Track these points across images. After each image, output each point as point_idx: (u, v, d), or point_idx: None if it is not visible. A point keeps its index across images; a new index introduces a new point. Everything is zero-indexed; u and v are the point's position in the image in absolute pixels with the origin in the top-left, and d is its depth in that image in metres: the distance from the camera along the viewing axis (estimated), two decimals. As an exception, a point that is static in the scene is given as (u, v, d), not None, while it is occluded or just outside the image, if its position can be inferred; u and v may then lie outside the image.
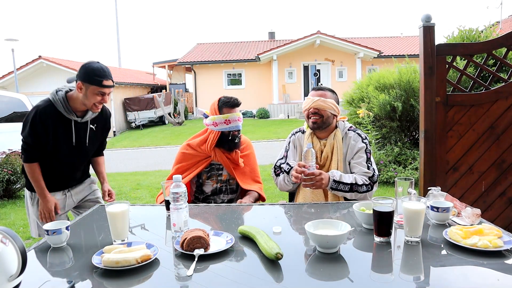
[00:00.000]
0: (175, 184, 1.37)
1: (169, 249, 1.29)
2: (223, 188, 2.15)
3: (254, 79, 18.89)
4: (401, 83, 5.63)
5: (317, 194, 1.97)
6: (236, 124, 2.06)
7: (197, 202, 2.16)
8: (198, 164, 2.13)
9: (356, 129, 2.01)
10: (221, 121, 2.04)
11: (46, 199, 1.98)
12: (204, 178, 2.14)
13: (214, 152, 2.11)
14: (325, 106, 1.96)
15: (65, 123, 1.94)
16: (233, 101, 2.08)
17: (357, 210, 1.43)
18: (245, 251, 1.24)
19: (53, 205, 1.99)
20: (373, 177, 1.89)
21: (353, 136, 1.99)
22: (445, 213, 1.41)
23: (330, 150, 1.98)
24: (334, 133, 2.00)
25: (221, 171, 2.15)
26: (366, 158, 1.93)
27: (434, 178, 2.64)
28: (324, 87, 2.05)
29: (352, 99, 6.39)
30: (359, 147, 1.94)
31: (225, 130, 2.06)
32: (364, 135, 2.00)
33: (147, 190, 5.64)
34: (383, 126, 5.76)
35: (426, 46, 2.58)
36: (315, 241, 1.20)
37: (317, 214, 1.62)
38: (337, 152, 1.96)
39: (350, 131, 2.01)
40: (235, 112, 2.07)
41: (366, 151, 1.94)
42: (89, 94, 1.87)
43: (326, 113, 1.97)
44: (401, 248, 1.22)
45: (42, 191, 1.97)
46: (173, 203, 1.37)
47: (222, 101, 2.09)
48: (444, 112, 2.62)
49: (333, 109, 1.97)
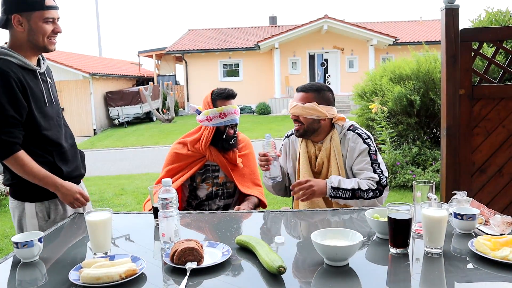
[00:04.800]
0: (164, 189, 1.37)
1: (157, 262, 1.29)
2: (219, 192, 2.16)
3: (253, 70, 18.89)
4: (420, 73, 5.64)
5: (320, 200, 1.97)
6: (232, 117, 2.07)
7: (189, 209, 2.17)
8: (192, 165, 2.14)
9: (356, 127, 1.99)
10: (216, 114, 2.05)
11: (63, 185, 1.69)
12: (198, 181, 2.15)
13: (209, 151, 2.12)
14: (302, 113, 1.95)
15: (31, 77, 1.66)
16: (228, 92, 2.08)
17: (370, 218, 1.43)
18: (244, 265, 1.25)
19: (76, 186, 1.74)
20: (380, 181, 1.86)
21: (351, 137, 1.95)
22: (470, 221, 1.40)
23: (326, 155, 1.97)
24: (331, 136, 1.98)
25: (217, 172, 2.16)
26: (370, 160, 1.90)
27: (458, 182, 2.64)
28: (308, 86, 2.00)
29: (364, 92, 6.41)
30: (360, 149, 1.92)
31: (220, 125, 2.07)
32: (366, 134, 1.96)
33: (133, 196, 5.65)
34: (399, 122, 5.76)
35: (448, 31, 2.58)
36: (322, 252, 1.21)
37: (325, 222, 1.62)
38: (335, 158, 1.95)
39: (349, 132, 1.97)
40: (230, 104, 2.08)
41: (370, 152, 1.91)
42: (35, 26, 1.61)
43: (306, 120, 1.96)
44: (420, 261, 1.22)
45: (51, 180, 1.65)
46: (162, 210, 1.36)
47: (216, 93, 2.10)
48: (469, 106, 2.62)
49: (314, 114, 1.94)
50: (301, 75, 18.39)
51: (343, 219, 1.66)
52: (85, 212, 1.37)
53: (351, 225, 1.58)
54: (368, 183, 1.85)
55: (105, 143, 12.32)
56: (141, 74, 21.65)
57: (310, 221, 1.65)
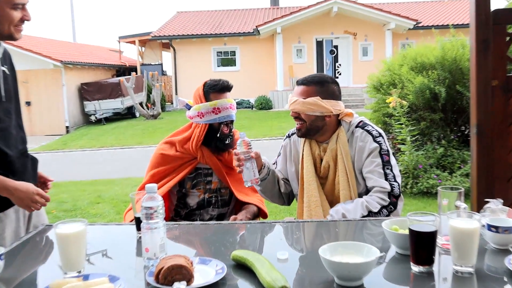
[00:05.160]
0: (148, 196, 1.37)
1: (139, 283, 1.28)
2: (212, 199, 2.17)
3: (252, 59, 18.93)
4: (445, 62, 5.65)
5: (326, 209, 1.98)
6: (227, 113, 2.08)
7: (178, 219, 2.18)
8: (181, 168, 2.15)
9: (366, 124, 2.00)
10: (208, 110, 2.06)
11: (17, 188, 1.68)
12: (188, 187, 2.17)
13: (201, 152, 2.13)
14: (303, 110, 1.96)
15: None
16: (222, 83, 2.10)
17: (387, 230, 1.42)
18: (241, 285, 1.24)
19: (33, 186, 1.73)
20: (393, 190, 1.87)
21: (359, 135, 1.96)
22: (507, 234, 1.39)
23: (332, 157, 1.99)
24: (337, 134, 1.99)
25: (210, 177, 2.18)
26: (381, 162, 1.91)
27: (492, 188, 2.63)
28: (310, 78, 2.01)
29: (380, 84, 6.44)
30: (370, 148, 1.93)
31: (214, 122, 2.09)
32: (377, 132, 1.97)
33: (111, 205, 5.66)
34: (421, 118, 5.77)
35: (479, 13, 2.57)
36: (332, 270, 1.20)
37: (335, 235, 1.62)
38: (342, 160, 1.96)
39: (358, 129, 1.98)
40: (225, 97, 2.09)
41: (381, 152, 1.92)
42: (2, 13, 1.61)
43: (308, 117, 1.97)
44: (448, 281, 1.22)
45: (1, 184, 1.64)
46: (145, 221, 1.37)
47: (209, 84, 2.12)
48: (504, 99, 2.61)
49: (317, 110, 1.94)
50: (307, 65, 18.43)
51: (356, 231, 1.65)
52: (55, 224, 1.37)
53: (366, 238, 1.58)
54: (379, 199, 1.86)
55: (79, 143, 12.35)
56: (122, 63, 21.68)
57: (317, 233, 1.65)
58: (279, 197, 2.15)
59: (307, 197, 2.00)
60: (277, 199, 2.14)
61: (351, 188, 1.94)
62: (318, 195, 1.98)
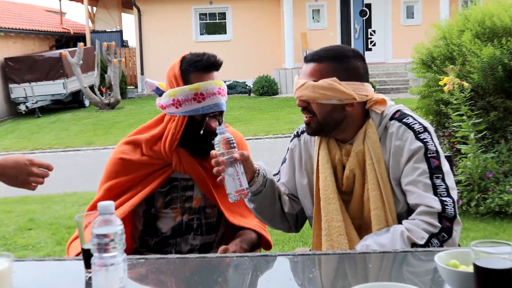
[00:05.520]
0: (102, 219, 1.36)
1: None
2: (193, 223, 2.18)
3: (250, 24, 18.92)
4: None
5: (352, 237, 1.98)
6: (215, 100, 2.09)
7: (144, 252, 2.17)
8: (149, 179, 2.16)
9: (404, 114, 1.99)
10: (188, 96, 2.07)
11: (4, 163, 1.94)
12: (159, 206, 2.18)
13: (177, 156, 2.14)
14: (314, 97, 1.95)
15: None
16: (208, 59, 2.11)
17: (444, 266, 1.39)
18: None
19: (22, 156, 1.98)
20: (445, 210, 1.83)
21: (396, 130, 1.96)
22: None
23: (358, 164, 1.98)
24: (364, 131, 1.99)
25: (190, 191, 2.20)
26: (427, 169, 1.89)
27: None
28: (323, 52, 2.01)
29: (432, 58, 6.41)
30: (411, 149, 1.91)
31: (196, 114, 2.09)
32: (422, 125, 1.96)
33: (49, 231, 5.65)
34: (490, 107, 5.75)
35: None
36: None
37: (365, 273, 1.61)
38: (372, 167, 1.95)
39: (393, 122, 1.98)
40: (212, 79, 2.10)
41: (428, 155, 1.90)
42: None
43: (321, 107, 1.96)
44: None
45: None
46: (98, 254, 1.34)
47: (188, 60, 2.12)
48: None
49: (334, 96, 1.94)
50: (327, 31, 18.46)
51: (394, 267, 1.66)
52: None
53: (408, 278, 1.57)
54: (425, 225, 1.82)
55: (2, 143, 12.33)
56: (64, 29, 21.65)
57: (340, 270, 1.65)
58: (282, 220, 2.13)
59: (326, 221, 1.99)
60: (279, 223, 2.14)
61: (386, 207, 1.92)
62: (341, 218, 1.97)
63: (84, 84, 16.04)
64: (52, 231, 5.62)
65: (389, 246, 1.80)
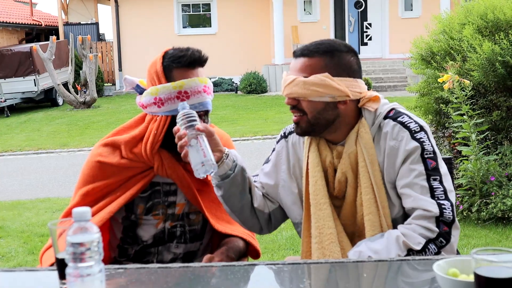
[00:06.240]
0: (77, 227, 1.34)
1: None
2: (176, 230, 2.22)
3: (236, 16, 19.04)
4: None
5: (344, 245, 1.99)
6: (199, 99, 2.09)
7: (124, 261, 2.20)
8: (129, 183, 2.18)
9: (399, 113, 1.99)
10: (171, 94, 2.07)
11: None
12: (139, 212, 2.20)
13: (159, 159, 2.15)
14: (304, 94, 1.95)
15: None
16: (192, 54, 2.11)
17: (441, 275, 1.39)
18: None
19: None
20: (443, 214, 1.85)
21: (390, 130, 1.96)
22: None
23: (350, 166, 1.99)
24: (357, 131, 1.99)
25: (173, 196, 2.23)
26: (424, 171, 1.90)
27: None
28: (313, 46, 2.00)
29: (432, 54, 6.44)
30: (406, 150, 1.92)
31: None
32: (418, 124, 1.96)
33: (20, 240, 5.61)
34: (493, 106, 5.76)
35: None
36: None
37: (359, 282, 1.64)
38: (366, 170, 1.96)
39: (387, 121, 1.98)
40: (196, 76, 2.11)
41: (425, 155, 1.91)
42: None
43: (312, 105, 1.96)
44: None
45: None
46: (73, 264, 1.33)
47: (171, 56, 2.13)
48: None
49: (326, 93, 1.94)
50: (320, 24, 18.56)
51: (390, 276, 1.68)
52: None
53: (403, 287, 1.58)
54: (422, 230, 1.83)
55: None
56: (35, 21, 21.63)
57: (332, 280, 1.68)
58: (252, 215, 2.12)
59: (317, 228, 1.99)
60: (249, 218, 2.12)
61: (381, 212, 1.93)
62: (333, 224, 1.98)
63: (57, 81, 16.10)
64: (23, 240, 5.63)
65: (383, 252, 1.83)
